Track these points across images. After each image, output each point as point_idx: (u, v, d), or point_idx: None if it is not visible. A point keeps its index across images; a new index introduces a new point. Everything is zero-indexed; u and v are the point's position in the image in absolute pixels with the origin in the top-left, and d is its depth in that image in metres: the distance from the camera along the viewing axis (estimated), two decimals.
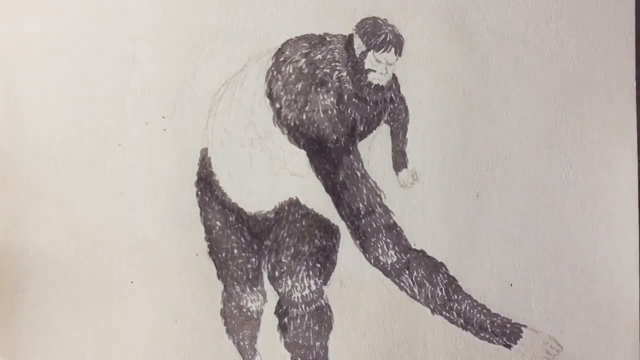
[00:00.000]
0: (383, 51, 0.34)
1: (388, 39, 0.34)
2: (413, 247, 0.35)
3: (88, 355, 0.35)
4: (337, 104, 0.34)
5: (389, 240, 0.35)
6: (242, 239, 0.35)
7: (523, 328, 0.35)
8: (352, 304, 0.35)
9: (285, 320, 0.35)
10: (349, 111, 0.34)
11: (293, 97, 0.34)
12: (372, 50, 0.34)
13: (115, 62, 0.34)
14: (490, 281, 0.34)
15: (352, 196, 0.34)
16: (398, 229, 0.35)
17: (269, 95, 0.34)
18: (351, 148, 0.35)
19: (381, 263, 0.35)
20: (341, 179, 0.34)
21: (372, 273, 0.35)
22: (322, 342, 0.35)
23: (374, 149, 0.35)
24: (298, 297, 0.35)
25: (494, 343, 0.35)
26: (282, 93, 0.34)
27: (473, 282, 0.35)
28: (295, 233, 0.35)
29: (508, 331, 0.35)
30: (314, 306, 0.35)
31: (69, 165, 0.34)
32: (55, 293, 0.34)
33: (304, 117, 0.34)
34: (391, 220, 0.35)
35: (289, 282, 0.35)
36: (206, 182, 0.35)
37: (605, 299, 0.35)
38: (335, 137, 0.34)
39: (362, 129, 0.34)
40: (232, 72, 0.35)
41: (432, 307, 0.35)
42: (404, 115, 0.35)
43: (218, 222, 0.35)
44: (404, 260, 0.35)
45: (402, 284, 0.35)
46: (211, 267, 0.35)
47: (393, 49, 0.34)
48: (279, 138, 0.34)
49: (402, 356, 0.35)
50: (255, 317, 0.35)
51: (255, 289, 0.35)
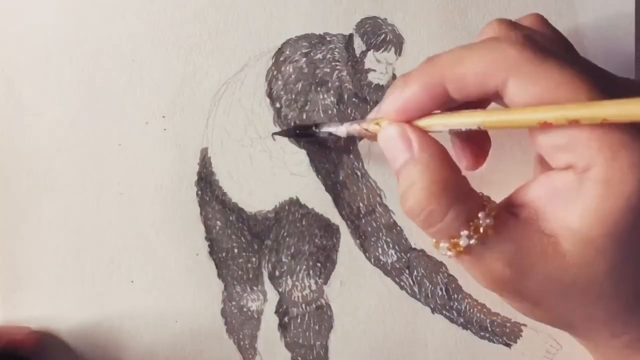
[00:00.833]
0: (383, 51, 0.34)
1: (388, 38, 0.34)
2: (413, 246, 0.35)
3: (88, 355, 0.34)
4: (337, 103, 0.34)
5: (389, 240, 0.35)
6: (242, 238, 0.35)
7: (523, 327, 0.35)
8: (353, 303, 0.35)
9: (286, 319, 0.35)
10: (349, 111, 0.34)
11: (293, 96, 0.34)
12: (372, 50, 0.34)
13: (115, 62, 0.34)
14: None
15: (352, 195, 0.34)
16: (398, 228, 0.35)
17: (269, 95, 0.34)
18: (351, 148, 0.35)
19: (381, 262, 0.35)
20: (341, 178, 0.34)
21: (373, 272, 0.35)
22: (322, 341, 0.35)
23: (374, 149, 0.34)
24: (298, 296, 0.35)
25: (494, 342, 0.35)
26: (282, 93, 0.34)
27: (473, 281, 0.35)
28: (295, 232, 0.35)
29: (508, 330, 0.35)
30: (314, 305, 0.35)
31: (69, 165, 0.34)
32: (55, 293, 0.34)
33: (304, 117, 0.34)
34: (391, 220, 0.35)
35: (289, 282, 0.35)
36: (206, 181, 0.35)
37: None
38: (335, 137, 0.34)
39: None
40: (232, 72, 0.34)
41: (432, 306, 0.35)
42: None
43: (218, 222, 0.35)
44: (404, 260, 0.35)
45: (402, 283, 0.35)
46: (211, 267, 0.35)
47: (393, 48, 0.34)
48: (279, 138, 0.34)
49: (402, 355, 0.35)
50: (256, 316, 0.35)
51: (255, 288, 0.35)
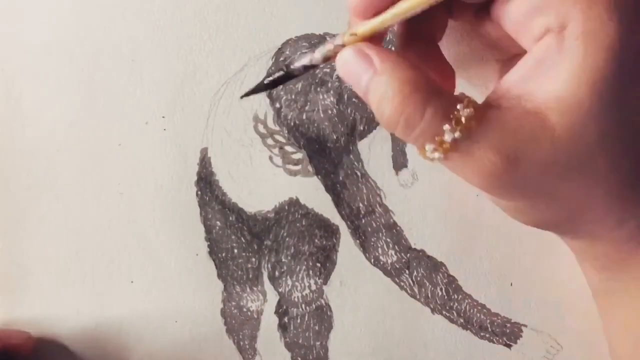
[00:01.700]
0: None
1: (387, 38, 0.34)
2: (413, 246, 0.35)
3: (87, 356, 0.34)
4: (337, 103, 0.34)
5: (389, 240, 0.35)
6: (242, 238, 0.35)
7: (523, 327, 0.35)
8: (352, 303, 0.35)
9: (286, 319, 0.35)
10: (349, 111, 0.34)
11: (293, 96, 0.34)
12: None
13: (115, 62, 0.34)
14: (490, 281, 0.34)
15: (352, 196, 0.34)
16: (398, 228, 0.35)
17: (269, 95, 0.34)
18: (351, 148, 0.35)
19: (381, 262, 0.35)
20: (341, 178, 0.34)
21: (372, 273, 0.35)
22: (322, 341, 0.35)
23: (374, 149, 0.34)
24: (298, 296, 0.35)
25: (494, 342, 0.35)
26: (282, 93, 0.34)
27: (473, 281, 0.35)
28: (295, 232, 0.35)
29: (508, 331, 0.35)
30: (314, 306, 0.35)
31: (69, 165, 0.34)
32: (55, 293, 0.34)
33: (304, 117, 0.34)
34: (391, 220, 0.35)
35: (289, 282, 0.35)
36: (206, 181, 0.35)
37: None
38: (335, 137, 0.34)
39: (362, 128, 0.34)
40: (232, 72, 0.34)
41: (432, 306, 0.35)
42: None
43: (218, 222, 0.35)
44: (404, 260, 0.35)
45: (402, 283, 0.35)
46: (211, 267, 0.35)
47: (392, 48, 0.34)
48: (279, 137, 0.34)
49: (402, 355, 0.35)
50: (256, 316, 0.35)
51: (255, 288, 0.35)
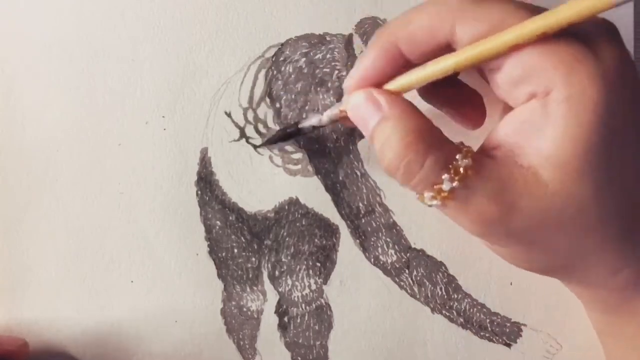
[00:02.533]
0: None
1: None
2: (413, 246, 0.35)
3: (87, 356, 0.34)
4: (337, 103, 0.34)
5: (388, 240, 0.35)
6: (242, 238, 0.35)
7: (523, 327, 0.35)
8: (352, 303, 0.35)
9: (286, 319, 0.35)
10: None
11: (293, 96, 0.34)
12: None
13: (115, 62, 0.34)
14: (490, 280, 0.34)
15: (352, 195, 0.34)
16: (398, 228, 0.35)
17: (269, 95, 0.34)
18: (351, 147, 0.35)
19: (381, 262, 0.35)
20: (341, 178, 0.34)
21: (372, 272, 0.35)
22: (322, 341, 0.35)
23: (374, 149, 0.34)
24: (298, 296, 0.35)
25: (493, 342, 0.35)
26: (282, 92, 0.34)
27: (473, 281, 0.35)
28: (295, 232, 0.35)
29: (508, 330, 0.35)
30: (314, 305, 0.35)
31: (69, 165, 0.34)
32: (55, 293, 0.34)
33: (304, 117, 0.34)
34: (391, 220, 0.35)
35: (289, 282, 0.35)
36: (206, 181, 0.35)
37: None
38: (335, 137, 0.34)
39: None
40: (232, 72, 0.34)
41: (432, 306, 0.35)
42: None
43: (218, 222, 0.35)
44: (403, 260, 0.35)
45: (402, 283, 0.35)
46: (211, 267, 0.35)
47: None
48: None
49: (402, 355, 0.35)
50: (256, 316, 0.35)
51: (255, 288, 0.35)
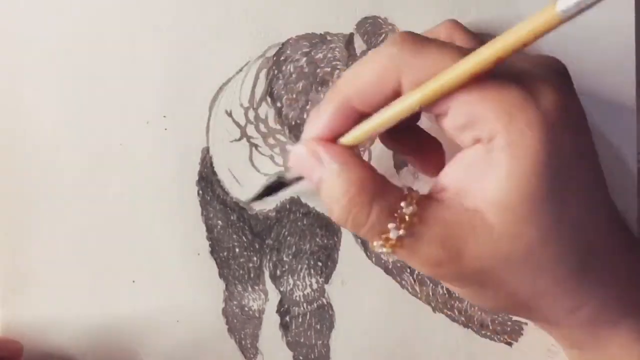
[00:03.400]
0: None
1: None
2: None
3: (89, 356, 0.34)
4: None
5: None
6: (243, 237, 0.35)
7: (524, 326, 0.35)
8: (354, 302, 0.35)
9: (287, 319, 0.35)
10: None
11: (294, 96, 0.34)
12: (372, 49, 0.34)
13: (115, 62, 0.34)
14: None
15: None
16: None
17: (270, 94, 0.34)
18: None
19: (382, 261, 0.35)
20: None
21: (374, 271, 0.35)
22: (324, 340, 0.35)
23: (374, 149, 0.35)
24: (300, 295, 0.35)
25: (495, 341, 0.35)
26: (283, 92, 0.34)
27: None
28: (296, 232, 0.35)
29: (509, 329, 0.35)
30: (315, 305, 0.35)
31: (70, 165, 0.34)
32: (57, 293, 0.34)
33: (305, 116, 0.34)
34: None
35: (291, 281, 0.35)
36: (207, 181, 0.35)
37: None
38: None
39: None
40: (232, 72, 0.34)
41: (433, 305, 0.35)
42: None
43: (219, 221, 0.35)
44: None
45: (403, 282, 0.35)
46: (213, 267, 0.35)
47: None
48: (280, 137, 0.34)
49: (403, 354, 0.35)
50: (257, 316, 0.35)
51: (257, 287, 0.35)
